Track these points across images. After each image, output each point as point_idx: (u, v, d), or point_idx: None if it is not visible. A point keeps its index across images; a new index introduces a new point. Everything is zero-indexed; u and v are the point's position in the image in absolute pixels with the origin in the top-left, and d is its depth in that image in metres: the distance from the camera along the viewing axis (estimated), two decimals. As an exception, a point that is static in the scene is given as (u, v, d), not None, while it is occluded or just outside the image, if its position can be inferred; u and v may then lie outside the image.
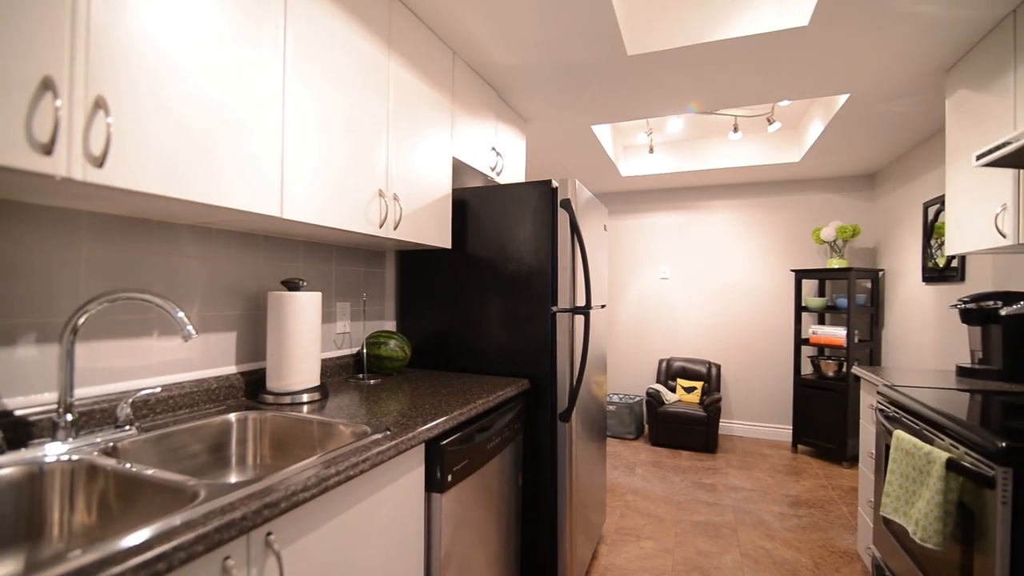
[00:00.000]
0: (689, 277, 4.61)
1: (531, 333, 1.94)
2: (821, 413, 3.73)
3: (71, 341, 1.00)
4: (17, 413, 0.97)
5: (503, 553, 1.68)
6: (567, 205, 1.90)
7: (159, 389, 1.14)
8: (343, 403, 1.43)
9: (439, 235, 1.95)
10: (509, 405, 1.73)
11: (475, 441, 1.45)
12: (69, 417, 0.99)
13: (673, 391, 4.34)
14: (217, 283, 1.42)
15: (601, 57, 2.12)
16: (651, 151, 3.81)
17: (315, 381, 1.50)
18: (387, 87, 1.62)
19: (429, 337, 2.14)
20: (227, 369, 1.45)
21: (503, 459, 1.67)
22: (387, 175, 1.62)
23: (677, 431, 3.97)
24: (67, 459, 0.93)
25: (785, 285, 4.31)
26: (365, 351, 1.86)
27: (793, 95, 2.51)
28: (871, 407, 2.00)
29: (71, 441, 0.99)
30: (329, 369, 1.80)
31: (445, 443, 1.28)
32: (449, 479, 1.30)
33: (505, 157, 2.54)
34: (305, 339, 1.45)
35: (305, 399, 1.43)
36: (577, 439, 1.95)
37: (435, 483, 1.27)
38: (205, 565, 0.68)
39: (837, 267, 3.74)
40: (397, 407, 1.39)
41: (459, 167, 2.21)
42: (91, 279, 1.12)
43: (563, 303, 1.92)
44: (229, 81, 1.07)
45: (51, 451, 0.95)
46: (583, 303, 1.99)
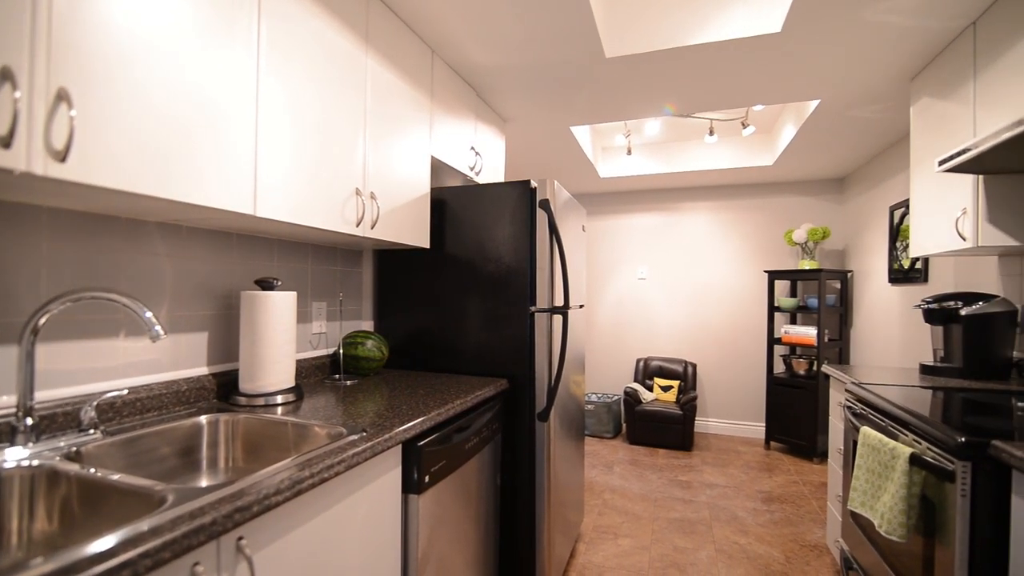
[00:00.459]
0: (666, 277, 4.68)
1: (510, 333, 1.95)
2: (793, 411, 3.83)
3: (31, 342, 0.97)
4: (-28, 417, 0.93)
5: (481, 553, 1.68)
6: (546, 205, 1.91)
7: (126, 391, 1.11)
8: (319, 404, 1.41)
9: (417, 234, 1.94)
10: (487, 405, 1.73)
11: (453, 441, 1.44)
12: (29, 421, 0.96)
13: (650, 390, 4.39)
14: (187, 282, 1.38)
15: (580, 58, 2.14)
16: (629, 153, 3.85)
17: (290, 382, 1.47)
18: (364, 85, 1.60)
19: (407, 337, 2.12)
20: (198, 370, 1.41)
21: (481, 459, 1.67)
22: (364, 173, 1.60)
23: (654, 430, 4.02)
24: (27, 465, 0.90)
25: (758, 286, 4.41)
26: (342, 351, 1.84)
27: (766, 100, 2.57)
28: (840, 404, 2.06)
29: (31, 446, 0.95)
30: (304, 370, 1.77)
31: (422, 444, 1.27)
32: (426, 480, 1.29)
33: (484, 157, 2.53)
34: (279, 339, 1.43)
35: (279, 400, 1.41)
36: (555, 438, 1.96)
37: (412, 484, 1.26)
38: (173, 572, 0.67)
39: (808, 268, 3.84)
40: (374, 408, 1.38)
41: (438, 166, 2.20)
42: (53, 278, 1.08)
43: (541, 303, 1.92)
44: (200, 76, 1.05)
45: (10, 456, 0.91)
46: (561, 303, 2.00)
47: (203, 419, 1.25)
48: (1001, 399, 1.53)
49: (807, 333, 3.79)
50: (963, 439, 1.12)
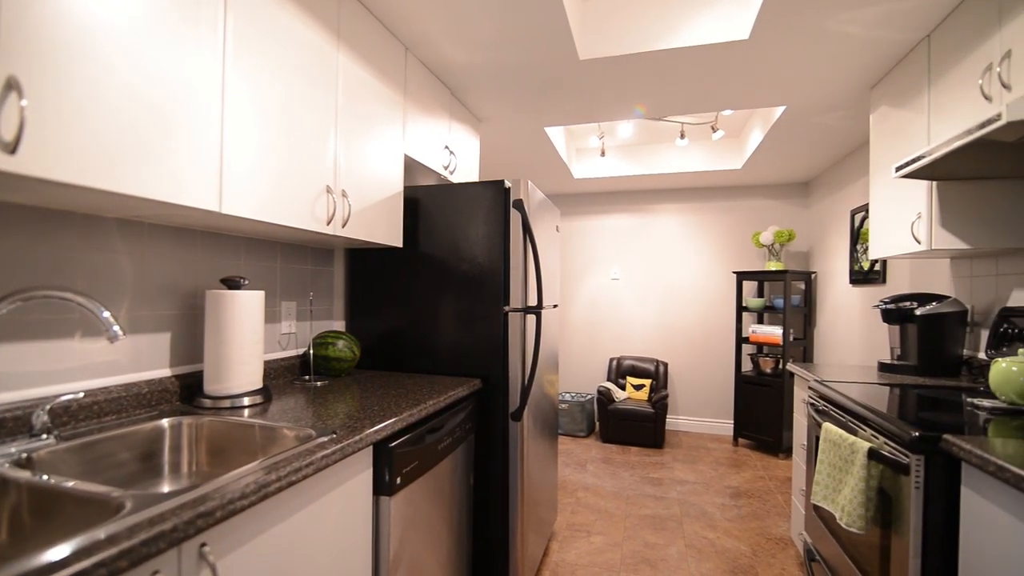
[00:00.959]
0: (639, 278, 4.75)
1: (483, 333, 1.94)
2: (759, 408, 3.93)
3: (-22, 343, 0.92)
4: (-88, 423, 0.88)
5: (454, 553, 1.67)
6: (520, 206, 1.91)
7: (82, 394, 1.06)
8: (287, 406, 1.38)
9: (390, 233, 1.92)
10: (461, 405, 1.73)
11: (425, 442, 1.43)
12: (-25, 426, 0.91)
13: (623, 389, 4.45)
14: (149, 281, 1.33)
15: (554, 60, 2.15)
16: (603, 154, 3.89)
17: (257, 384, 1.44)
18: (336, 81, 1.57)
19: (380, 337, 2.10)
20: (160, 372, 1.37)
21: (455, 459, 1.66)
22: (335, 171, 1.57)
23: (627, 428, 4.08)
24: (-28, 472, 0.85)
25: (727, 286, 4.51)
26: (312, 352, 1.81)
27: (735, 105, 2.64)
28: (803, 402, 2.13)
29: (-23, 453, 0.90)
30: (273, 371, 1.73)
31: (394, 445, 1.26)
32: (398, 481, 1.28)
33: (459, 156, 2.52)
34: (246, 340, 1.39)
35: (246, 402, 1.37)
36: (529, 438, 1.97)
37: (384, 486, 1.24)
38: (131, 581, 0.64)
39: (774, 269, 3.96)
40: (345, 409, 1.36)
41: (411, 165, 2.18)
42: (2, 276, 1.03)
43: (515, 303, 1.93)
44: (162, 69, 1.01)
45: (-47, 464, 0.86)
46: (535, 303, 2.01)
47: (165, 422, 1.21)
48: (952, 395, 1.60)
49: (773, 332, 3.90)
50: (917, 434, 1.17)
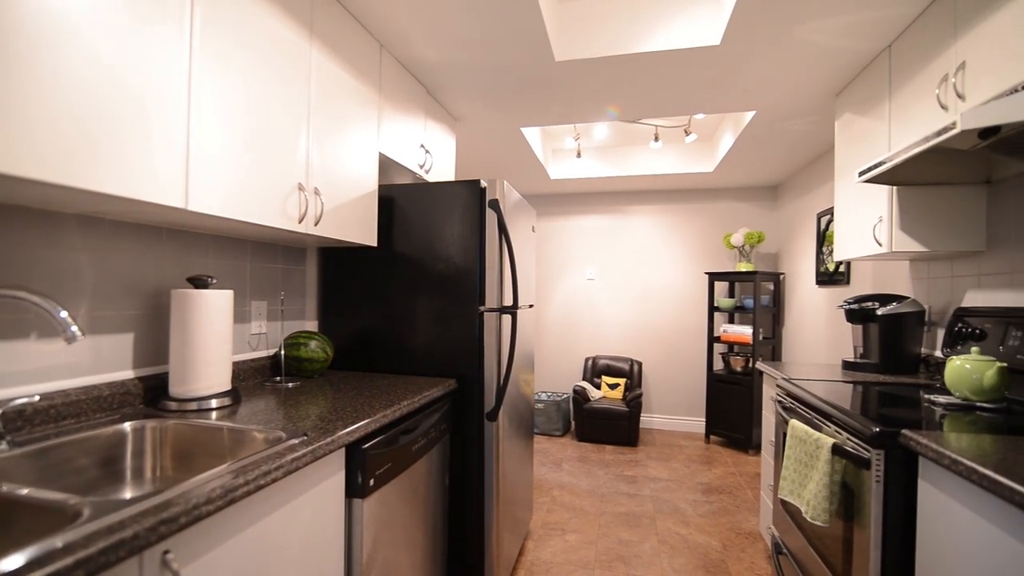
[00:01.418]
0: (614, 278, 4.80)
1: (458, 333, 1.94)
2: (730, 405, 4.02)
3: (-78, 345, 0.87)
4: None
5: (429, 554, 1.66)
6: (495, 205, 1.91)
7: (37, 398, 1.01)
8: (257, 408, 1.35)
9: (364, 232, 1.89)
10: (436, 405, 1.72)
11: (399, 443, 1.42)
12: (-81, 433, 0.86)
13: (598, 388, 4.49)
14: (111, 280, 1.29)
15: (530, 60, 2.16)
16: (579, 155, 3.92)
17: (225, 385, 1.40)
18: (308, 76, 1.55)
19: (353, 337, 2.07)
20: (122, 374, 1.32)
21: (429, 460, 1.65)
22: (307, 168, 1.54)
23: (602, 427, 4.12)
24: (-85, 481, 0.81)
25: (700, 286, 4.60)
26: (283, 352, 1.77)
27: (707, 109, 2.69)
28: (772, 399, 2.19)
29: (-79, 460, 0.86)
30: (243, 372, 1.69)
31: (367, 447, 1.24)
32: (371, 483, 1.26)
33: (434, 155, 2.51)
34: (214, 340, 1.36)
35: (214, 405, 1.34)
36: (504, 437, 1.97)
37: (356, 488, 1.23)
38: (89, 591, 0.62)
39: (745, 270, 4.05)
40: (317, 411, 1.33)
41: (386, 163, 2.16)
42: (-50, 274, 0.98)
43: (491, 303, 1.92)
44: (125, 61, 0.98)
45: None
46: (510, 303, 2.02)
47: (127, 426, 1.17)
48: (911, 391, 1.67)
49: (744, 332, 3.99)
50: (877, 429, 1.22)
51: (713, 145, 3.88)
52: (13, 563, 0.56)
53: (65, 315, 0.93)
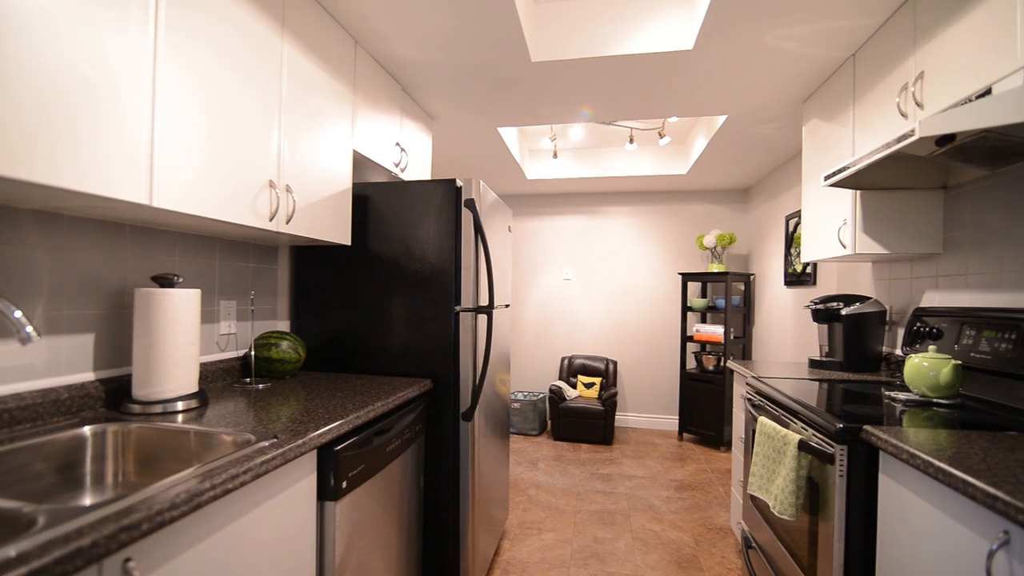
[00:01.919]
0: (590, 278, 4.84)
1: (434, 333, 1.93)
2: (703, 403, 4.10)
3: None
4: None
5: (404, 556, 1.65)
6: (471, 205, 1.91)
7: (-12, 402, 0.97)
8: (226, 410, 1.31)
9: (337, 231, 1.86)
10: (410, 406, 1.70)
11: (373, 445, 1.40)
12: None
13: (574, 387, 4.53)
14: (70, 278, 1.24)
15: (507, 60, 2.16)
16: (555, 156, 3.94)
17: (192, 387, 1.36)
18: (279, 71, 1.51)
19: (327, 338, 2.04)
20: (82, 376, 1.27)
21: (404, 461, 1.64)
22: (279, 165, 1.51)
23: (578, 426, 4.15)
24: None
25: (673, 287, 4.68)
26: (253, 353, 1.73)
27: (680, 112, 2.74)
28: (742, 397, 2.24)
29: None
30: (211, 374, 1.65)
31: (339, 448, 1.22)
32: (344, 486, 1.24)
33: (410, 153, 2.49)
34: (180, 341, 1.32)
35: (180, 407, 1.30)
36: (480, 437, 1.97)
37: (328, 491, 1.21)
38: (43, 602, 0.59)
39: (717, 271, 4.14)
40: (288, 413, 1.31)
41: (361, 161, 2.13)
42: None
43: (466, 303, 1.92)
44: (84, 52, 0.94)
45: None
46: (486, 303, 2.01)
47: (87, 430, 1.12)
48: (873, 389, 1.73)
49: (715, 331, 4.08)
50: (840, 426, 1.26)
51: (686, 148, 3.95)
52: (-40, 575, 0.54)
53: (20, 315, 0.89)
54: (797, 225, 3.39)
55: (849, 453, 1.26)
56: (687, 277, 4.25)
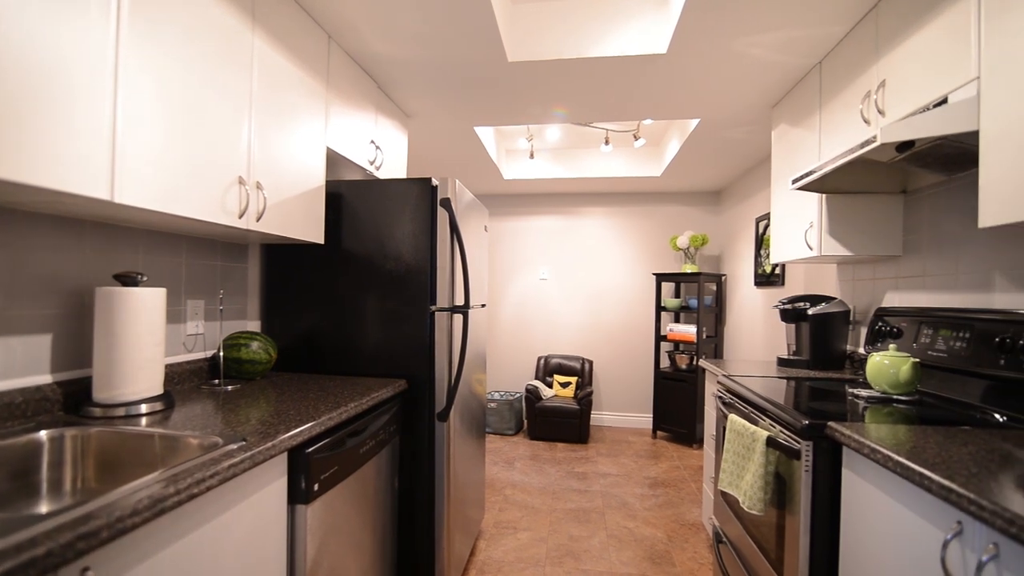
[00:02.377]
0: (566, 278, 4.88)
1: (409, 333, 1.91)
2: (676, 402, 4.17)
3: None
4: None
5: (378, 558, 1.63)
6: (447, 204, 1.90)
7: (-65, 406, 0.92)
8: (193, 413, 1.28)
9: (310, 229, 1.83)
10: (385, 407, 1.69)
11: (346, 446, 1.38)
12: None
13: (550, 387, 4.55)
14: (25, 276, 1.18)
15: (483, 60, 2.15)
16: (532, 156, 3.95)
17: (157, 389, 1.32)
18: (250, 65, 1.48)
19: (299, 338, 2.00)
20: (38, 379, 1.22)
21: (378, 463, 1.62)
22: (249, 161, 1.48)
23: (554, 425, 4.17)
24: None
25: (647, 287, 4.75)
26: (222, 354, 1.68)
27: (654, 115, 2.78)
28: (713, 395, 2.28)
29: None
30: (177, 375, 1.60)
31: (311, 450, 1.20)
32: (316, 488, 1.22)
33: (386, 151, 2.46)
34: (144, 342, 1.27)
35: (144, 410, 1.26)
36: (456, 438, 1.96)
37: (300, 494, 1.19)
38: (-6, 616, 0.57)
39: (690, 272, 4.21)
40: (258, 414, 1.28)
41: (335, 159, 2.09)
42: None
43: (442, 302, 1.91)
44: (39, 34, 0.90)
45: None
46: (462, 302, 2.01)
47: (43, 435, 1.08)
48: (837, 386, 1.79)
49: (688, 331, 4.15)
50: (806, 422, 1.30)
51: (660, 150, 4.01)
52: (-99, 590, 0.51)
53: (-31, 315, 0.85)
54: (766, 227, 3.48)
55: (814, 449, 1.30)
56: (661, 277, 4.32)
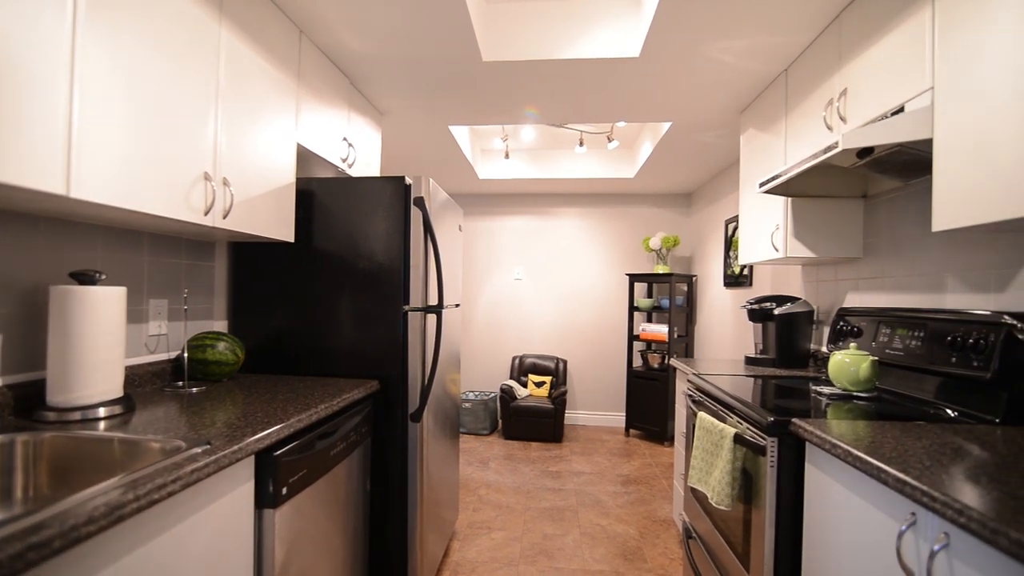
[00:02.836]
0: (541, 278, 4.90)
1: (382, 333, 1.89)
2: (648, 400, 4.24)
3: None
4: None
5: (349, 561, 1.60)
6: (420, 203, 1.88)
7: None
8: (155, 416, 1.23)
9: (280, 227, 1.79)
10: (356, 408, 1.66)
11: (316, 449, 1.36)
12: None
13: (525, 386, 4.56)
14: (-29, 274, 1.12)
15: (458, 58, 2.15)
16: (507, 156, 3.96)
17: (116, 392, 1.27)
18: (217, 58, 1.44)
19: (269, 338, 1.95)
20: (-14, 382, 1.16)
21: (349, 465, 1.60)
22: (215, 156, 1.44)
23: (528, 424, 4.18)
24: None
25: (621, 287, 4.81)
26: (187, 355, 1.63)
27: (627, 117, 2.81)
28: (683, 393, 2.33)
29: None
30: (138, 378, 1.54)
31: (279, 453, 1.18)
32: (284, 492, 1.20)
33: (358, 149, 2.43)
34: (102, 343, 1.22)
35: (102, 414, 1.21)
36: (429, 438, 1.95)
37: (267, 498, 1.16)
38: (-66, 633, 0.54)
39: (662, 272, 4.28)
40: (224, 417, 1.24)
41: (306, 155, 2.05)
42: None
43: (415, 302, 1.89)
44: (-10, 22, 0.86)
45: None
46: (436, 302, 1.99)
47: (-9, 441, 1.03)
48: (802, 384, 1.84)
49: (660, 330, 4.22)
50: (772, 419, 1.33)
51: (634, 152, 4.07)
52: None
53: (-92, 315, 0.80)
54: (735, 229, 3.56)
55: (779, 445, 1.34)
56: (634, 278, 4.38)
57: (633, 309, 4.40)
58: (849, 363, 1.61)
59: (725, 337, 3.75)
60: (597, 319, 4.83)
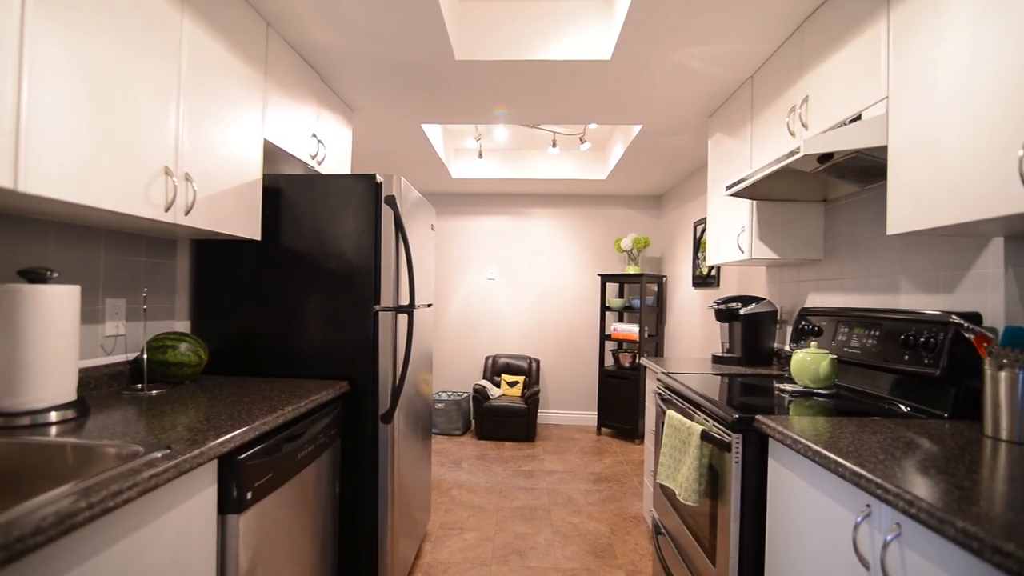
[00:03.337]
0: (514, 278, 4.91)
1: (352, 333, 1.86)
2: (619, 399, 4.30)
3: None
4: None
5: (319, 566, 1.57)
6: (392, 202, 1.86)
7: None
8: (112, 420, 1.18)
9: (246, 224, 1.74)
10: (325, 409, 1.63)
11: (283, 451, 1.33)
12: None
13: (498, 386, 4.56)
14: (-92, 272, 1.06)
15: (430, 56, 2.13)
16: (480, 156, 3.95)
17: (69, 395, 1.21)
18: (178, 49, 1.39)
19: (234, 339, 1.90)
20: (-76, 387, 1.09)
21: (318, 468, 1.57)
22: (177, 150, 1.39)
23: (501, 424, 4.18)
24: None
25: (593, 287, 4.86)
26: (146, 356, 1.57)
27: (599, 119, 2.85)
28: (653, 391, 2.37)
29: None
30: (93, 380, 1.48)
31: (243, 457, 1.15)
32: (249, 496, 1.17)
33: (328, 146, 2.38)
34: (53, 344, 1.17)
35: (53, 419, 1.15)
36: (400, 439, 1.93)
37: (231, 503, 1.13)
38: None
39: (633, 273, 4.35)
40: (185, 420, 1.20)
41: (273, 151, 2.00)
42: None
43: (386, 302, 1.87)
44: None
45: None
46: (407, 302, 1.98)
47: (-70, 449, 0.97)
48: (766, 382, 1.90)
49: (631, 330, 4.28)
50: (736, 416, 1.37)
51: (606, 154, 4.12)
52: None
53: None
54: (703, 231, 3.64)
55: (744, 441, 1.38)
56: (606, 278, 4.43)
57: (605, 309, 4.45)
58: (810, 361, 1.67)
59: (694, 336, 3.83)
60: (570, 319, 4.86)
